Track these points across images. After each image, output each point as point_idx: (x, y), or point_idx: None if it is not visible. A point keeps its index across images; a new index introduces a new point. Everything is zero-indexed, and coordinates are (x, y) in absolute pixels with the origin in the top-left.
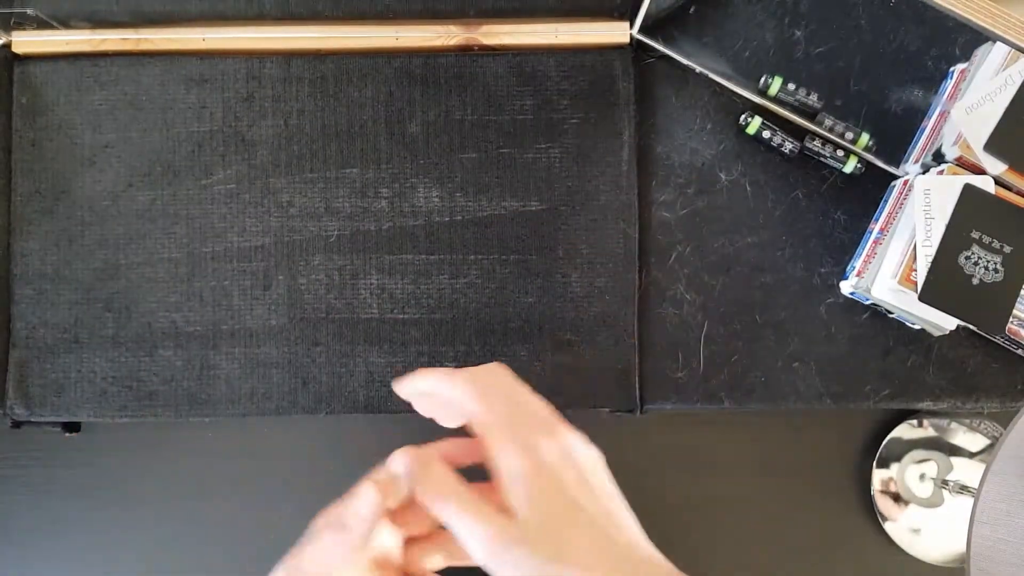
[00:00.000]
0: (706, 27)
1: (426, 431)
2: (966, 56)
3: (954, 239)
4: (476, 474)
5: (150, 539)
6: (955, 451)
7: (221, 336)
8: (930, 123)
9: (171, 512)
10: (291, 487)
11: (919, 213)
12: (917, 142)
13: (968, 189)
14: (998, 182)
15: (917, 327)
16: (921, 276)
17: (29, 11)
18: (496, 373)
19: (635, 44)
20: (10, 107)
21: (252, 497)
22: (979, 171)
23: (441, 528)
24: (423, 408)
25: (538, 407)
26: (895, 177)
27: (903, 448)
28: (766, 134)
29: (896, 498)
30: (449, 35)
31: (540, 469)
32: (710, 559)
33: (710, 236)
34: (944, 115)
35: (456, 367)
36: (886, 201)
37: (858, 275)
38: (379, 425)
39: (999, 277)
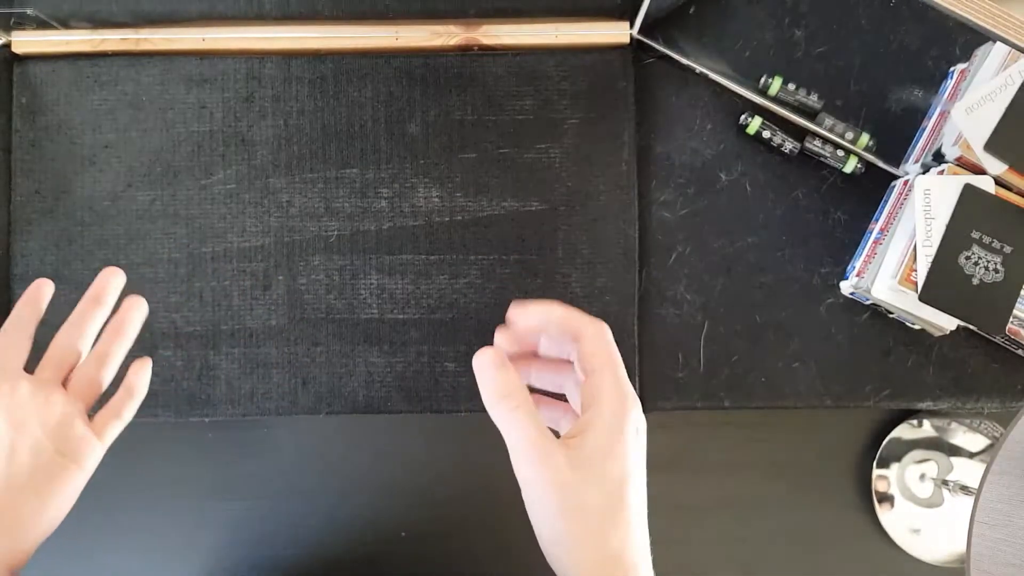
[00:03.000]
0: (706, 27)
1: (425, 431)
2: (966, 56)
3: (954, 239)
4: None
5: (150, 538)
6: (955, 451)
7: (221, 336)
8: (930, 123)
9: (171, 512)
10: (291, 487)
11: (919, 213)
12: (917, 142)
13: (968, 189)
14: (998, 182)
15: (917, 327)
16: (921, 276)
17: (29, 11)
18: None
19: (635, 44)
20: (10, 107)
21: (252, 497)
22: (979, 171)
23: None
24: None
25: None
26: (895, 177)
27: (903, 448)
28: (766, 134)
29: (895, 498)
30: (449, 35)
31: (629, 426)
32: (710, 559)
33: (710, 236)
34: (944, 115)
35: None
36: (886, 201)
37: (858, 275)
38: (379, 425)
39: (999, 277)
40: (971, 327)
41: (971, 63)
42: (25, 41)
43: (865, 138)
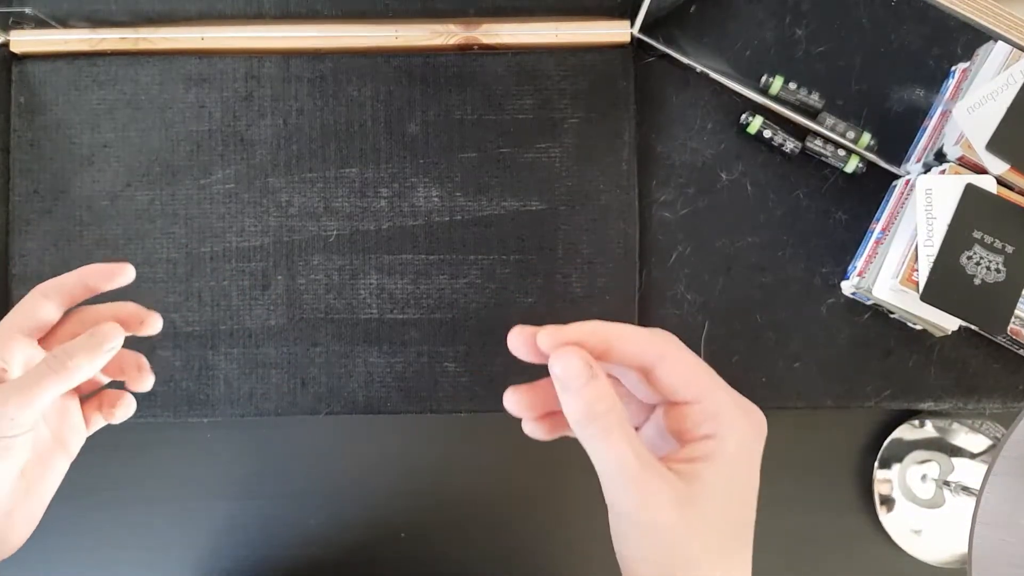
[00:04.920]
0: (707, 26)
1: (425, 431)
2: (968, 55)
3: (956, 239)
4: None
5: (151, 539)
6: (957, 452)
7: (220, 336)
8: (932, 122)
9: (171, 512)
10: (291, 487)
11: (921, 213)
12: (919, 141)
13: (970, 189)
14: (1000, 182)
15: (918, 327)
16: (923, 276)
17: (27, 10)
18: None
19: (635, 43)
20: (8, 107)
21: (252, 497)
22: (981, 171)
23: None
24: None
25: None
26: (896, 177)
27: (905, 449)
28: (767, 133)
29: (896, 499)
30: (449, 34)
31: (759, 457)
32: None
33: (710, 236)
34: (946, 114)
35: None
36: (887, 201)
37: (859, 275)
38: (379, 426)
39: (1001, 277)
40: (973, 327)
41: (973, 62)
42: (24, 40)
43: (866, 138)
